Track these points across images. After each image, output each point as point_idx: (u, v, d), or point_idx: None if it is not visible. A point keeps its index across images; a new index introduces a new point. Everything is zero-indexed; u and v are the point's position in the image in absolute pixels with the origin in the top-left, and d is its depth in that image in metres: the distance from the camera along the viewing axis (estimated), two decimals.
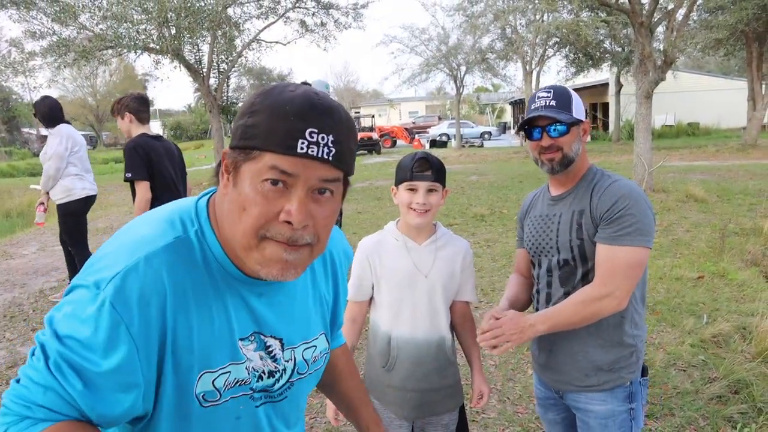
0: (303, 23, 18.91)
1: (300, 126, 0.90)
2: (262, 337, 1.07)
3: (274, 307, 1.08)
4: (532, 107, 1.86)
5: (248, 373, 1.05)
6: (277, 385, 1.11)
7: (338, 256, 1.28)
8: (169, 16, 14.36)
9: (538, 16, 21.58)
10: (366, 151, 31.46)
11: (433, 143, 35.09)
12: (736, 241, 7.20)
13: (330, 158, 0.93)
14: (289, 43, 19.65)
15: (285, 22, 18.78)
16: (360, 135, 31.55)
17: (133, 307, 0.90)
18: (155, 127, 68.17)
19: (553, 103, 1.82)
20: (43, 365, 0.88)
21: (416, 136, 36.73)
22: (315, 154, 0.91)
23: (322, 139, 0.91)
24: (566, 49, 25.18)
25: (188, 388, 0.98)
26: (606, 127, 31.35)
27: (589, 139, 1.93)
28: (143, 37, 14.90)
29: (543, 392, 2.14)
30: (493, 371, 4.07)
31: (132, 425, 1.01)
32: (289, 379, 1.13)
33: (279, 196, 0.92)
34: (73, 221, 5.58)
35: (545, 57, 25.65)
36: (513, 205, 10.87)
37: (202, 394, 0.99)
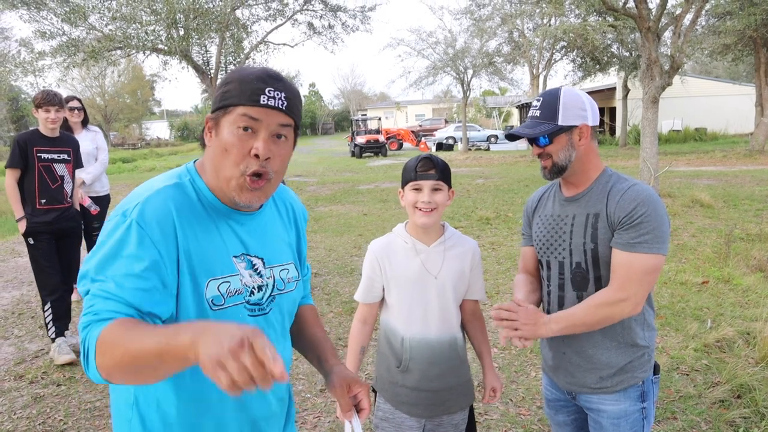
0: (311, 25, 18.99)
1: (261, 86, 1.25)
2: (248, 256, 1.37)
3: (253, 234, 1.40)
4: (517, 123, 1.90)
5: (242, 286, 1.34)
6: (264, 298, 1.40)
7: (299, 212, 1.62)
8: (177, 17, 14.45)
9: (545, 20, 21.61)
10: (372, 153, 31.49)
11: (440, 146, 35.09)
12: (742, 246, 7.20)
13: (284, 108, 1.28)
14: (296, 45, 19.82)
15: (293, 24, 18.87)
16: (366, 137, 31.61)
17: (153, 224, 1.21)
18: (162, 128, 68.55)
19: (537, 113, 1.86)
20: (98, 288, 1.16)
21: (422, 138, 36.74)
22: (273, 104, 1.25)
23: (277, 95, 1.26)
24: (573, 54, 25.13)
25: (200, 292, 1.27)
26: (613, 131, 31.30)
27: (595, 142, 1.93)
28: (152, 38, 15.00)
29: (553, 394, 2.14)
30: (497, 373, 4.08)
31: None
32: (271, 293, 1.42)
33: (249, 138, 1.26)
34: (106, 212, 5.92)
35: (552, 61, 25.65)
36: (518, 208, 10.87)
37: (211, 299, 1.28)
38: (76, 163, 4.71)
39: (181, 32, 15.10)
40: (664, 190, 11.44)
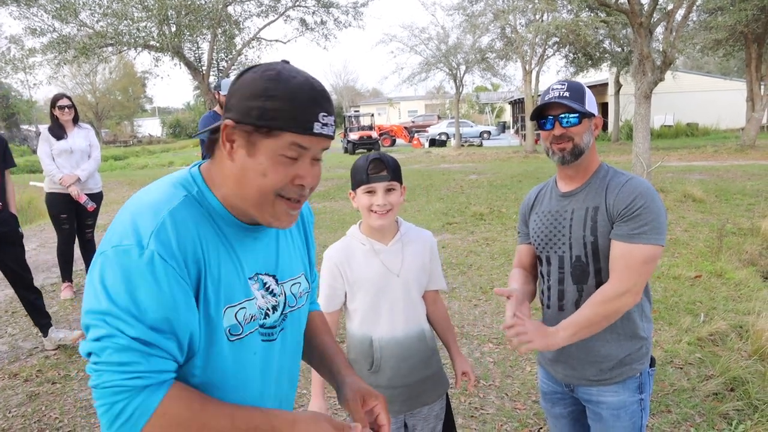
0: (303, 22, 18.96)
1: (314, 110, 1.10)
2: (260, 276, 1.25)
3: (266, 249, 1.28)
4: (546, 98, 1.89)
5: (257, 310, 1.22)
6: (278, 318, 1.28)
7: (306, 214, 1.50)
8: (169, 13, 14.39)
9: (537, 16, 21.63)
10: (365, 150, 31.48)
11: (433, 142, 35.11)
12: (734, 240, 7.25)
13: (333, 134, 1.16)
14: (289, 41, 19.70)
15: (285, 20, 18.83)
16: (359, 134, 31.58)
17: (175, 254, 1.05)
18: (154, 125, 68.21)
19: (567, 94, 1.87)
20: (127, 339, 1.00)
21: (415, 135, 36.76)
22: (326, 133, 1.13)
23: (329, 120, 1.13)
24: (566, 49, 25.20)
25: (218, 322, 1.13)
26: (605, 127, 31.35)
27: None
28: (143, 34, 14.94)
29: (550, 386, 2.15)
30: (491, 368, 4.10)
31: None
32: (283, 311, 1.30)
33: (292, 164, 1.12)
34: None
35: (545, 57, 25.67)
36: (512, 204, 10.90)
37: (228, 329, 1.14)
38: (5, 162, 4.65)
39: (173, 29, 15.03)
40: (656, 185, 11.48)
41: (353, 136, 31.53)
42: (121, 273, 1.01)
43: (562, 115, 1.86)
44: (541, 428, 3.28)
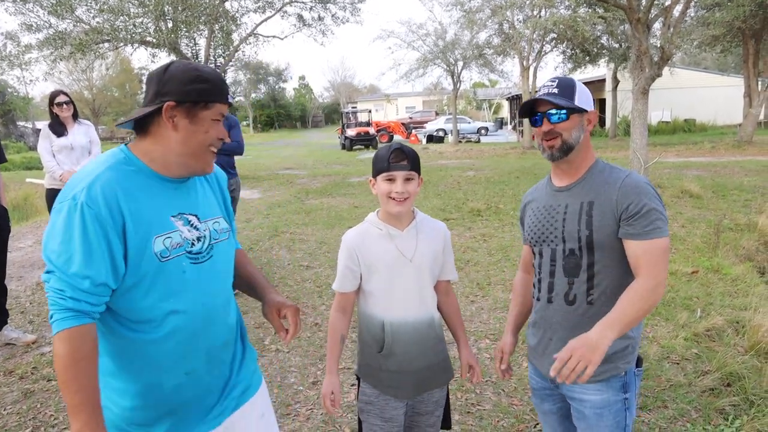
0: (300, 17, 18.91)
1: (226, 87, 1.64)
2: (184, 215, 1.64)
3: (186, 196, 1.67)
4: (537, 95, 1.93)
5: (182, 239, 1.60)
6: (204, 247, 1.67)
7: (220, 175, 1.89)
8: (166, 9, 14.32)
9: (535, 12, 21.60)
10: (363, 146, 31.42)
11: (430, 138, 35.08)
12: (731, 236, 7.25)
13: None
14: (286, 37, 19.68)
15: (282, 16, 18.78)
16: (357, 130, 31.53)
17: (100, 204, 1.45)
18: None
19: (555, 91, 1.91)
20: (61, 274, 1.44)
21: (413, 131, 36.70)
22: (231, 101, 1.62)
23: (231, 93, 1.56)
24: (563, 45, 25.15)
25: (149, 248, 1.52)
26: (603, 123, 31.34)
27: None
28: (140, 30, 14.87)
29: (538, 383, 2.16)
30: (488, 364, 4.10)
31: (117, 292, 1.52)
32: (210, 242, 1.69)
33: (217, 125, 1.62)
34: None
35: (542, 53, 25.63)
36: (509, 200, 10.90)
37: (159, 253, 1.54)
38: None
39: (170, 24, 14.98)
40: (653, 180, 11.48)
41: (350, 132, 31.46)
42: (62, 222, 1.44)
43: (550, 112, 1.89)
44: (537, 424, 3.28)
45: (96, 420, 1.44)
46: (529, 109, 1.95)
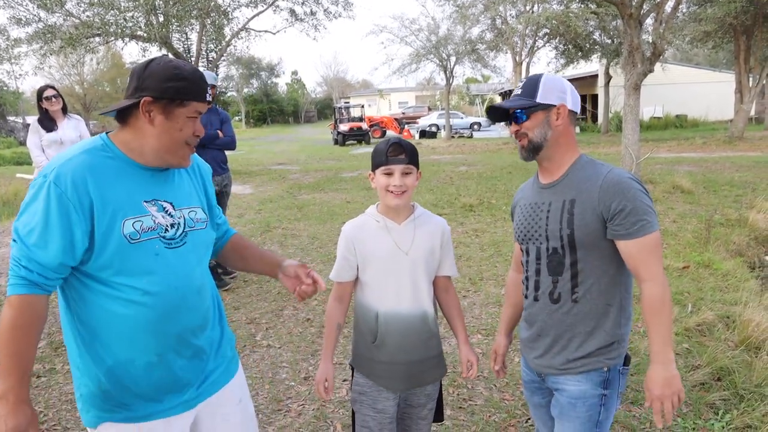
0: (292, 12, 18.83)
1: (205, 86, 1.69)
2: (159, 201, 1.70)
3: (162, 184, 1.73)
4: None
5: (155, 223, 1.66)
6: (178, 233, 1.72)
7: (203, 168, 1.97)
8: (156, 3, 14.23)
9: (528, 7, 21.58)
10: (355, 141, 31.38)
11: (423, 134, 35.05)
12: (722, 231, 7.29)
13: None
14: (278, 32, 19.58)
15: (274, 10, 18.74)
16: (349, 125, 31.46)
17: (67, 184, 1.52)
18: None
19: (519, 92, 1.93)
20: (21, 245, 1.53)
21: (406, 126, 36.65)
22: (209, 99, 1.72)
23: (208, 91, 1.72)
24: (556, 41, 25.18)
25: (117, 230, 1.58)
26: (595, 118, 31.47)
27: (578, 129, 1.97)
28: (131, 24, 14.76)
29: (528, 375, 2.17)
30: (480, 359, 4.09)
31: (82, 266, 1.59)
32: (184, 229, 1.75)
33: (193, 122, 1.68)
34: None
35: (535, 48, 25.67)
36: (501, 195, 10.91)
37: (128, 234, 1.60)
38: None
39: (161, 19, 14.88)
40: (645, 176, 11.53)
41: (343, 127, 31.40)
42: (31, 198, 1.54)
43: (516, 112, 1.91)
44: (529, 419, 3.28)
45: (21, 385, 1.52)
46: (505, 113, 1.98)
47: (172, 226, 1.71)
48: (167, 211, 1.71)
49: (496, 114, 1.99)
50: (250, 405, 2.02)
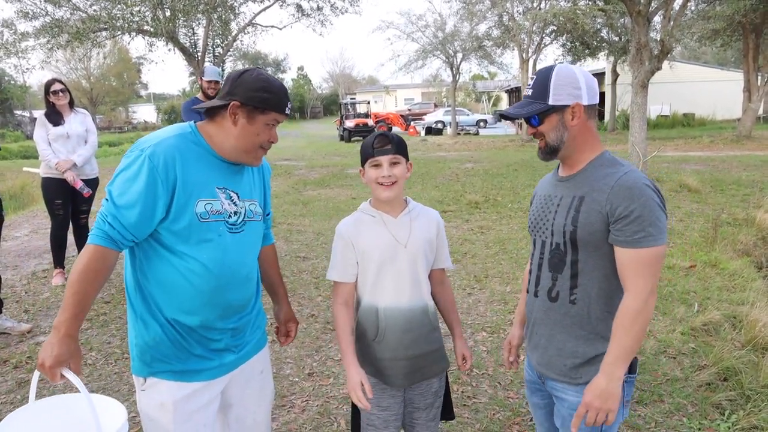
0: (299, 7, 18.79)
1: (286, 101, 1.90)
2: (228, 191, 1.92)
3: (233, 175, 1.95)
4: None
5: (222, 208, 1.89)
6: (239, 221, 1.95)
7: (265, 168, 2.21)
8: None
9: (535, 4, 21.52)
10: (361, 137, 31.35)
11: (429, 130, 35.00)
12: (729, 231, 7.25)
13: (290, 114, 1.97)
14: (285, 27, 19.57)
15: (281, 5, 18.66)
16: (355, 121, 31.46)
17: (160, 160, 1.74)
18: (149, 111, 67.92)
19: (529, 92, 1.84)
20: (111, 204, 1.73)
21: (412, 122, 36.62)
22: (288, 113, 1.93)
23: (290, 105, 1.93)
24: (563, 38, 25.06)
25: (191, 208, 1.80)
26: (601, 116, 31.28)
27: (593, 122, 1.88)
28: (137, 18, 14.77)
29: (530, 375, 2.13)
30: (485, 357, 4.09)
31: (156, 233, 1.81)
32: (244, 218, 1.98)
33: (270, 129, 1.90)
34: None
35: (542, 45, 25.55)
36: (507, 192, 10.88)
37: (199, 214, 1.82)
38: None
39: (168, 13, 14.88)
40: (652, 174, 11.48)
41: (349, 123, 31.40)
42: (126, 165, 1.75)
43: (528, 118, 1.85)
44: (533, 418, 3.27)
45: (74, 321, 1.69)
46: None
47: (235, 213, 1.93)
48: (233, 200, 1.93)
49: (509, 116, 1.93)
50: (270, 377, 2.25)
